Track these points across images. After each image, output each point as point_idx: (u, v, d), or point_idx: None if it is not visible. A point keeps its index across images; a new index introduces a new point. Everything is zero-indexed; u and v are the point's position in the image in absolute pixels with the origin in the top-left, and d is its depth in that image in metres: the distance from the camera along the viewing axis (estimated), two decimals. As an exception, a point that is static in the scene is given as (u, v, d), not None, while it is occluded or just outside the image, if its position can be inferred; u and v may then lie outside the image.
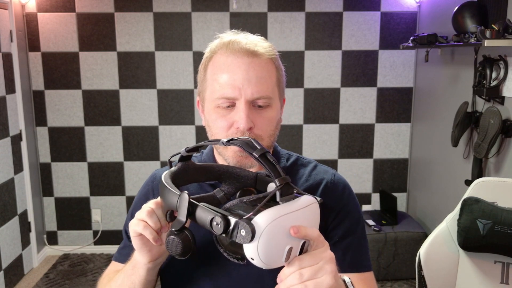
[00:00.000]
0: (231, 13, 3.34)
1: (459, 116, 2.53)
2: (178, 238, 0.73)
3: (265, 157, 0.71)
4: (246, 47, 0.90)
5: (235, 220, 0.66)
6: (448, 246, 1.44)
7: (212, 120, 0.93)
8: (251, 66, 0.89)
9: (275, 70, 0.94)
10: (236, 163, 0.92)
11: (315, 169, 1.03)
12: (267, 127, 0.93)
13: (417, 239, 3.03)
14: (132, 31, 3.36)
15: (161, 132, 3.50)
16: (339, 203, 0.99)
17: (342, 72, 3.45)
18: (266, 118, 0.92)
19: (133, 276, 0.86)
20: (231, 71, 0.89)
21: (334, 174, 1.03)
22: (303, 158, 1.07)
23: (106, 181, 3.56)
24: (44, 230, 3.60)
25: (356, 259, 0.98)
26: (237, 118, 0.89)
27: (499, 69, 2.26)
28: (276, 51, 0.95)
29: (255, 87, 0.89)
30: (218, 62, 0.91)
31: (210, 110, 0.93)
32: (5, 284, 2.97)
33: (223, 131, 0.91)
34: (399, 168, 3.60)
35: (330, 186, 1.00)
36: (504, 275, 1.40)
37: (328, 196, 0.98)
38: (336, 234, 0.97)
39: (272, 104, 0.93)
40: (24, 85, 3.29)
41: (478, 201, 1.38)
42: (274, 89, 0.93)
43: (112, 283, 0.93)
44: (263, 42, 0.93)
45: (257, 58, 0.90)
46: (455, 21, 2.49)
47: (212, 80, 0.92)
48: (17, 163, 3.16)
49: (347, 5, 3.36)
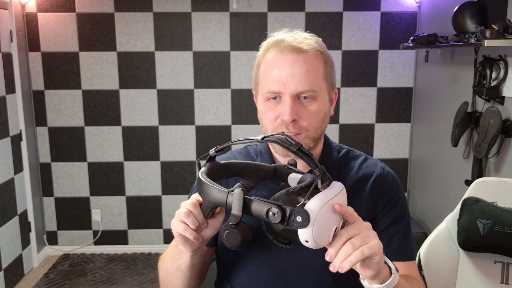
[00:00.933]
0: (231, 13, 3.34)
1: (459, 116, 2.53)
2: (237, 231, 0.79)
3: (301, 150, 0.80)
4: (291, 45, 0.96)
5: (290, 208, 0.74)
6: (448, 246, 1.44)
7: (262, 112, 1.02)
8: (296, 62, 0.96)
9: (322, 64, 0.99)
10: (282, 151, 1.00)
11: (365, 161, 1.10)
12: (312, 119, 0.98)
13: (417, 239, 3.03)
14: (132, 31, 3.36)
15: (161, 132, 3.50)
16: (387, 195, 1.06)
17: (342, 72, 3.45)
18: (311, 110, 0.98)
19: (179, 260, 0.96)
20: (278, 67, 0.97)
21: (383, 167, 1.10)
22: (353, 150, 1.13)
23: (106, 181, 3.56)
24: (44, 230, 3.60)
25: (401, 247, 1.05)
26: (282, 110, 0.96)
27: (499, 69, 2.26)
28: (324, 47, 1.01)
29: (299, 82, 0.95)
30: (268, 59, 1.00)
31: (261, 103, 1.02)
32: (5, 284, 2.97)
33: (271, 123, 0.99)
34: (399, 168, 3.60)
35: (379, 178, 1.07)
36: (504, 275, 1.40)
37: (378, 188, 1.05)
38: (383, 223, 1.04)
39: (318, 97, 0.98)
40: (24, 85, 3.29)
41: (478, 201, 1.38)
42: (321, 82, 0.99)
43: (165, 262, 1.04)
44: (309, 39, 0.99)
45: (302, 54, 0.96)
46: (455, 21, 2.49)
47: (263, 76, 1.00)
48: (17, 163, 3.16)
49: (347, 5, 3.36)
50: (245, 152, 1.13)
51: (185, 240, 0.88)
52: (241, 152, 1.13)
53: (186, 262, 0.95)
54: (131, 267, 3.35)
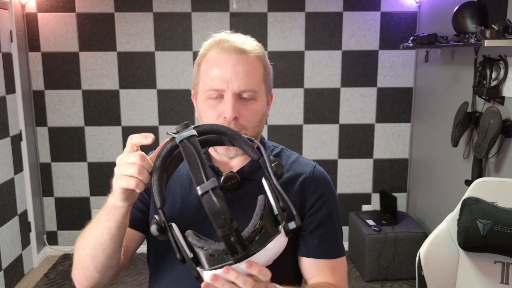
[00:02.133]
0: (231, 13, 3.34)
1: (459, 116, 2.53)
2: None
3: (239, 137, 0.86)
4: (235, 45, 1.00)
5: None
6: (448, 246, 1.44)
7: (203, 110, 1.02)
8: (239, 62, 0.98)
9: (261, 67, 1.03)
10: (223, 150, 1.02)
11: (296, 161, 1.12)
12: (252, 119, 1.01)
13: (417, 239, 3.03)
14: (132, 31, 3.36)
15: (161, 132, 3.50)
16: (316, 194, 1.07)
17: (342, 72, 3.45)
18: (251, 110, 1.00)
19: (108, 222, 0.91)
20: (220, 65, 0.99)
21: (314, 166, 1.11)
22: (287, 150, 1.16)
23: (106, 181, 3.55)
24: (44, 230, 3.60)
25: (329, 247, 1.07)
26: (224, 108, 0.98)
27: (499, 69, 2.26)
28: (263, 50, 1.06)
29: (241, 81, 0.98)
30: (210, 58, 1.02)
31: (202, 102, 1.02)
32: (5, 284, 2.97)
33: (213, 121, 0.99)
34: (399, 168, 3.60)
35: (309, 177, 1.08)
36: (504, 275, 1.40)
37: (307, 187, 1.07)
38: (312, 222, 1.06)
39: (258, 98, 1.02)
40: (24, 85, 3.29)
41: (478, 201, 1.39)
42: (261, 84, 1.02)
43: (86, 232, 0.98)
44: (251, 41, 1.03)
45: (245, 55, 0.99)
46: (455, 21, 2.49)
47: (205, 74, 1.02)
48: (17, 163, 3.16)
49: (347, 5, 3.36)
50: None
51: (129, 193, 0.86)
52: None
53: (117, 221, 0.90)
54: (131, 267, 3.35)
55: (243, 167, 1.06)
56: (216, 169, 1.06)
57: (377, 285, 3.06)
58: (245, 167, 1.06)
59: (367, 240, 3.03)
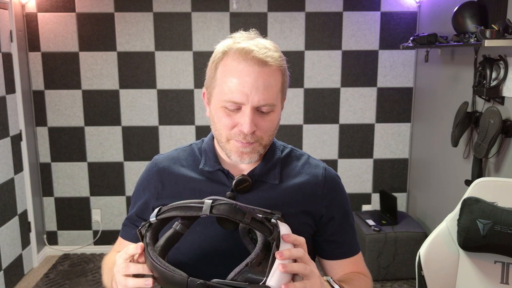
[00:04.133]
0: (231, 13, 3.34)
1: (459, 116, 2.53)
2: None
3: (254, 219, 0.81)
4: (258, 57, 0.95)
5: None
6: (448, 246, 1.44)
7: (218, 116, 0.99)
8: (260, 75, 0.94)
9: (281, 77, 0.99)
10: (237, 158, 1.00)
11: (308, 162, 1.11)
12: (268, 130, 1.00)
13: (417, 239, 3.03)
14: (132, 31, 3.36)
15: (161, 132, 3.50)
16: (329, 198, 1.07)
17: (342, 72, 3.45)
18: (268, 121, 0.99)
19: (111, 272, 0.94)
20: (241, 77, 0.94)
21: (325, 169, 1.11)
22: (296, 150, 1.15)
23: (106, 181, 3.56)
24: (44, 230, 3.60)
25: (349, 246, 1.10)
26: (242, 121, 0.96)
27: (499, 69, 2.26)
28: (284, 59, 1.01)
29: (261, 95, 0.95)
30: (229, 65, 0.97)
31: (217, 108, 0.99)
32: (5, 284, 2.97)
33: (227, 129, 0.98)
34: (399, 168, 3.60)
35: (321, 180, 1.08)
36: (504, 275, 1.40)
37: (320, 191, 1.07)
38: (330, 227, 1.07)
39: (275, 110, 1.00)
40: (24, 85, 3.29)
41: (478, 201, 1.38)
42: (278, 95, 1.00)
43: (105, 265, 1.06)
44: (273, 52, 0.98)
45: (266, 67, 0.95)
46: (455, 21, 2.49)
47: (222, 81, 0.97)
48: (17, 163, 3.16)
49: (347, 5, 3.36)
50: (189, 150, 1.13)
51: None
52: (185, 150, 1.13)
53: None
54: (131, 267, 3.35)
55: (254, 169, 1.05)
56: (226, 172, 1.05)
57: (377, 285, 3.06)
58: (256, 170, 1.05)
59: (367, 240, 3.03)
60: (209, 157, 1.07)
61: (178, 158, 1.10)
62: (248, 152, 0.99)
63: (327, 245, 1.09)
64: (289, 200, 1.04)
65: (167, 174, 1.07)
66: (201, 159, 1.08)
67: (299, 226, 1.02)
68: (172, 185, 1.06)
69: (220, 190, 1.03)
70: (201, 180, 1.05)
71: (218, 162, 1.06)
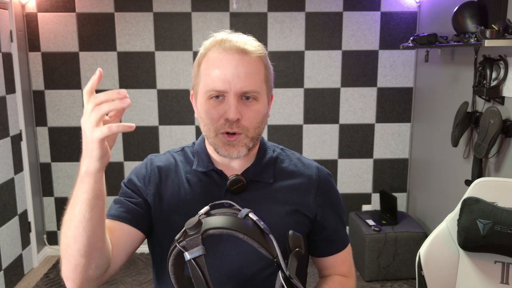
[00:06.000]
0: (231, 13, 3.34)
1: (459, 116, 2.53)
2: None
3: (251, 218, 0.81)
4: (236, 45, 0.98)
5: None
6: (448, 246, 1.44)
7: (204, 111, 1.00)
8: (241, 63, 0.97)
9: (263, 67, 1.02)
10: (225, 152, 1.00)
11: (299, 161, 1.13)
12: (253, 119, 1.00)
13: (417, 239, 3.03)
14: (132, 31, 3.36)
15: (161, 132, 3.50)
16: (322, 199, 1.09)
17: (342, 72, 3.45)
18: (253, 110, 0.99)
19: (84, 193, 0.88)
20: (222, 66, 0.97)
21: (317, 168, 1.12)
22: (287, 150, 1.16)
23: (106, 181, 3.53)
24: (44, 230, 3.60)
25: (339, 242, 1.13)
26: (226, 109, 0.97)
27: (499, 69, 2.26)
28: (265, 51, 1.04)
29: (243, 82, 0.96)
30: (211, 58, 1.00)
31: (203, 102, 1.00)
32: (5, 284, 2.97)
33: (214, 122, 0.99)
34: (399, 168, 3.60)
35: (314, 180, 1.09)
36: (504, 275, 1.40)
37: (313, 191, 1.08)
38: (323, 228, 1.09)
39: (259, 99, 1.00)
40: (24, 85, 3.29)
41: (478, 201, 1.39)
42: (262, 85, 1.01)
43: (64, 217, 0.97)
44: (252, 42, 1.02)
45: (247, 55, 0.98)
46: (455, 21, 2.49)
47: (205, 74, 1.00)
48: (17, 163, 3.16)
49: (347, 5, 3.36)
50: (181, 152, 1.13)
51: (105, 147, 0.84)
52: (179, 153, 1.13)
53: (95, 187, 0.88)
54: (131, 267, 3.35)
55: (248, 169, 1.05)
56: (220, 172, 1.05)
57: (377, 285, 3.06)
58: (250, 169, 1.06)
59: (367, 240, 3.03)
60: (201, 158, 1.08)
61: (172, 159, 1.11)
62: (235, 145, 0.99)
63: (323, 244, 1.11)
64: (284, 199, 1.05)
65: (164, 173, 1.08)
66: (193, 160, 1.09)
67: (295, 225, 1.03)
68: (168, 184, 1.06)
69: (215, 191, 1.03)
70: (195, 181, 1.05)
71: (211, 163, 1.06)
